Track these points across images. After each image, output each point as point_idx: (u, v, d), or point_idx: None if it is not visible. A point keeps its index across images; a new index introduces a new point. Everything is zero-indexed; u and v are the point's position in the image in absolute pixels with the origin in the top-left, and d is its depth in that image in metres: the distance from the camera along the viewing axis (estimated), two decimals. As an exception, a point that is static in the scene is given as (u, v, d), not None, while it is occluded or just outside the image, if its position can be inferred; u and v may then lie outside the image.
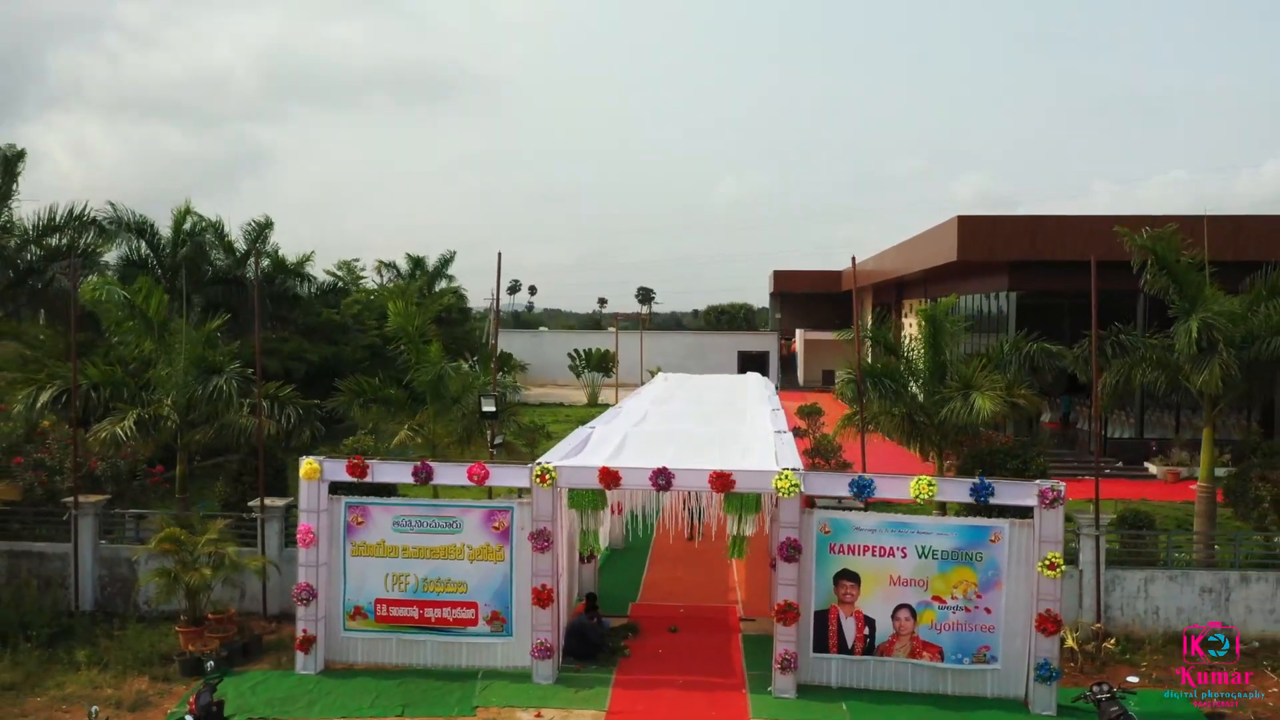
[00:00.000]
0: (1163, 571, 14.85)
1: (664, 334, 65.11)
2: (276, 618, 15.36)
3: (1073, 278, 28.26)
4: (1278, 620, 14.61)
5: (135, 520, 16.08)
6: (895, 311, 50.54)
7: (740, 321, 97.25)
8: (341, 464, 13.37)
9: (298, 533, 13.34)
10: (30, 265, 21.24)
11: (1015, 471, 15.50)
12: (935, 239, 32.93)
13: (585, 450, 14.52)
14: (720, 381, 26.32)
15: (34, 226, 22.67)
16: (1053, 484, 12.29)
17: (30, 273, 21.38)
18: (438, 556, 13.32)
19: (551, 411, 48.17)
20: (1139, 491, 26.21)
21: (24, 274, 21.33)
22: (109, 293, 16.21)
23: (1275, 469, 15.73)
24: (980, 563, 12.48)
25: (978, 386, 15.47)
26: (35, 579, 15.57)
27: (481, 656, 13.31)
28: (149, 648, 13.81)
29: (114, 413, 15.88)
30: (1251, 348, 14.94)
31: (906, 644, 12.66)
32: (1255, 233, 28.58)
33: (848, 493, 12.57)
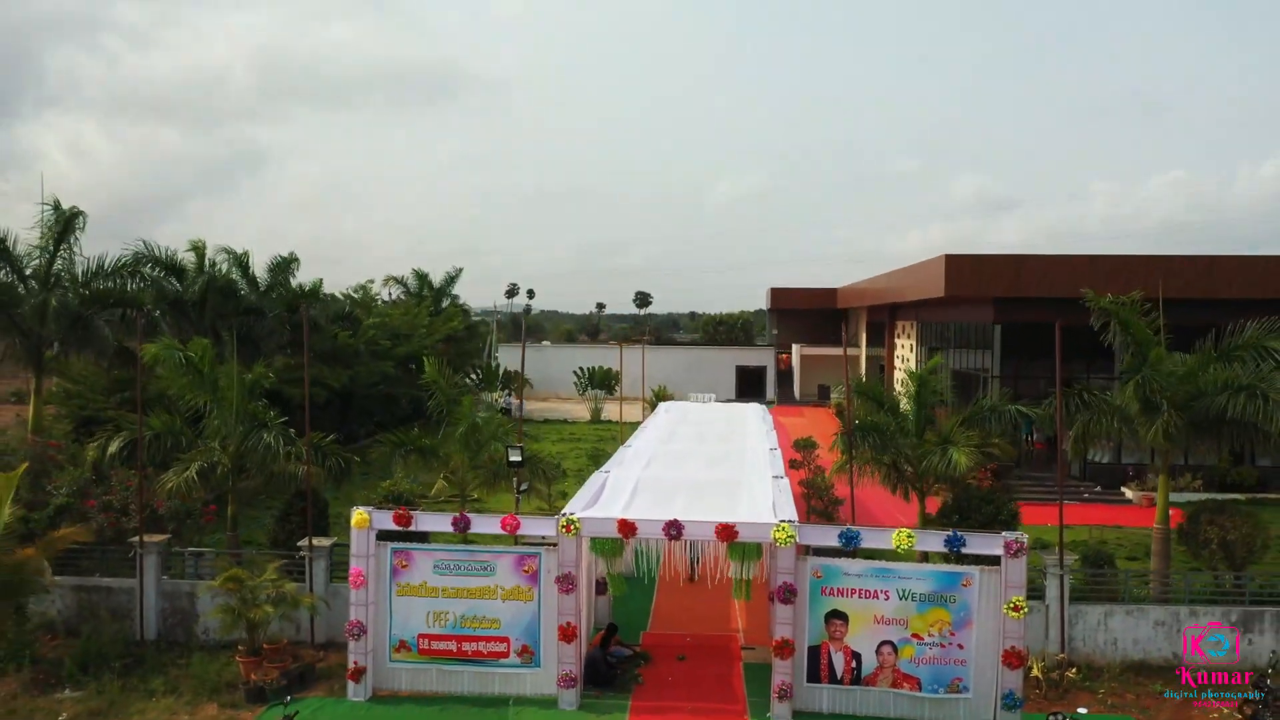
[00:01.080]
0: (1121, 606, 16.56)
1: (664, 349, 66.73)
2: (323, 646, 17.03)
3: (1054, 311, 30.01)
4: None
5: (195, 558, 17.76)
6: (889, 330, 52.24)
7: (738, 332, 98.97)
8: (388, 514, 15.05)
9: (350, 575, 15.02)
10: (81, 312, 22.84)
11: (989, 516, 17.20)
12: (925, 273, 34.67)
13: (602, 498, 16.18)
14: (718, 416, 27.88)
15: (84, 273, 24.33)
16: (1017, 536, 14.00)
17: (80, 319, 22.99)
18: (474, 596, 15.00)
19: (556, 429, 49.81)
20: (1115, 517, 27.98)
21: (75, 319, 22.94)
22: (170, 354, 17.88)
23: (1223, 514, 17.40)
24: (954, 604, 14.18)
25: (955, 442, 17.18)
26: (104, 611, 17.24)
27: (512, 685, 14.99)
28: (215, 676, 15.48)
29: (176, 460, 17.56)
30: (1197, 405, 16.65)
31: (889, 676, 14.36)
32: (1225, 270, 30.37)
33: (837, 543, 14.26)
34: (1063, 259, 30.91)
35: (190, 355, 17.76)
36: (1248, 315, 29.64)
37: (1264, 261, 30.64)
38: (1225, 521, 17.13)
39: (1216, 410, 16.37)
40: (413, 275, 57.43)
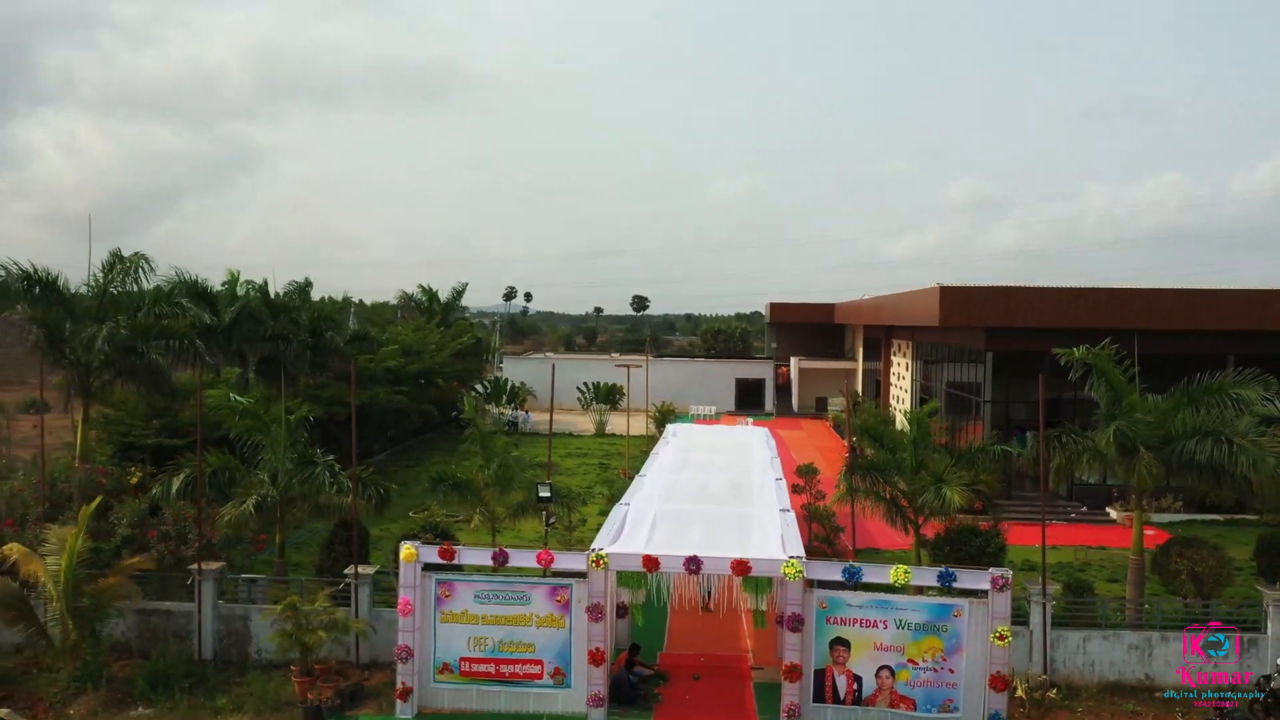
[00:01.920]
0: (1098, 631, 18.14)
1: (666, 362, 68.21)
2: (367, 666, 18.54)
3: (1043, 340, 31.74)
4: (1191, 672, 17.84)
5: (248, 584, 19.27)
6: (885, 347, 53.84)
7: (736, 342, 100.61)
8: (434, 549, 16.58)
9: (399, 604, 16.54)
10: (132, 344, 24.31)
11: (978, 549, 18.77)
12: (920, 301, 36.28)
13: (624, 532, 17.67)
14: (724, 442, 29.33)
15: (127, 307, 25.80)
16: (1002, 572, 15.58)
17: (130, 350, 24.47)
18: (511, 623, 16.54)
19: (563, 443, 51.22)
20: (1099, 537, 29.55)
21: (127, 351, 24.42)
22: (232, 399, 19.44)
23: (1192, 547, 18.99)
24: (946, 633, 15.75)
25: (948, 481, 18.77)
26: (165, 633, 18.74)
27: (545, 704, 16.53)
28: (273, 694, 16.99)
29: (232, 493, 19.11)
30: (1169, 448, 18.23)
31: (887, 697, 15.92)
32: (1201, 303, 32.04)
33: (841, 578, 15.82)
34: (1050, 291, 32.54)
35: (247, 402, 19.29)
36: (1224, 345, 31.42)
37: (1237, 295, 32.35)
38: (1194, 554, 18.71)
39: (1188, 454, 17.95)
40: (420, 291, 59.15)
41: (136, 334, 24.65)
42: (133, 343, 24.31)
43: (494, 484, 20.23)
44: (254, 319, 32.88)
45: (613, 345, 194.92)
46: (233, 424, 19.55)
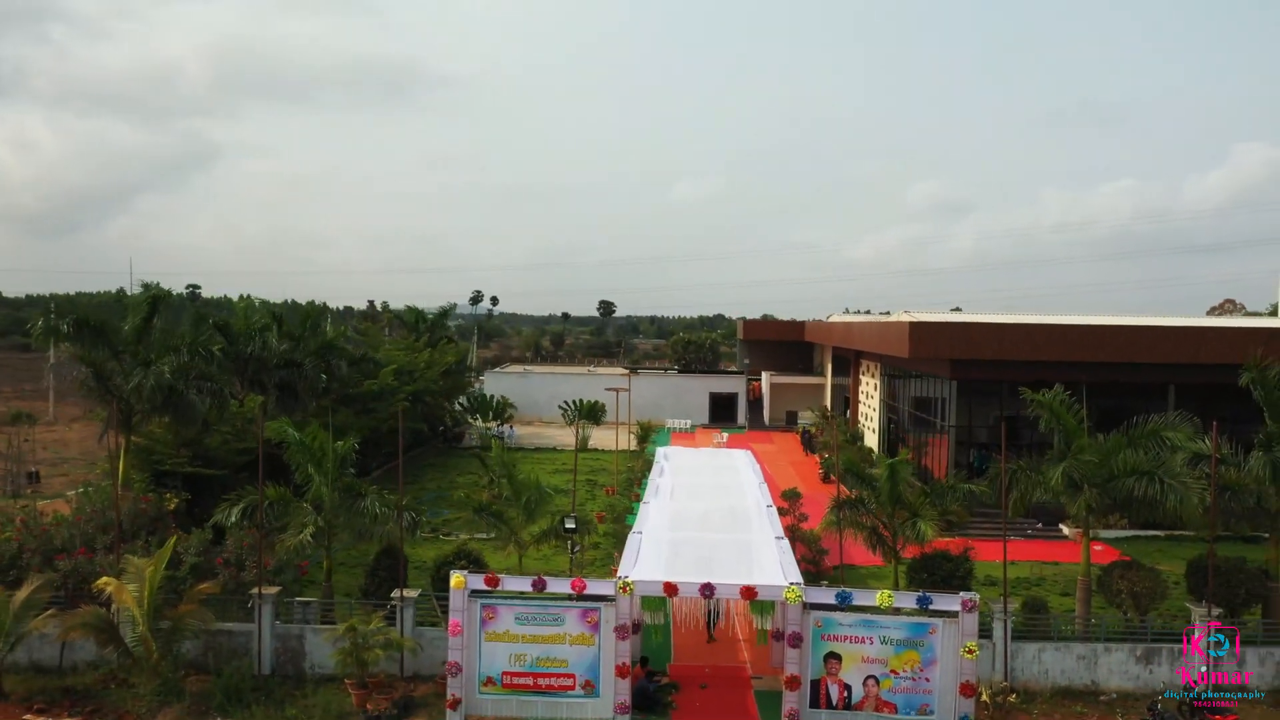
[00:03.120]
0: (1051, 644, 20.95)
1: (643, 378, 70.63)
2: (410, 679, 20.83)
3: (1001, 370, 34.86)
4: (1130, 679, 20.72)
5: (302, 606, 21.50)
6: (854, 366, 56.79)
7: (706, 353, 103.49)
8: (480, 577, 18.97)
9: (449, 625, 18.87)
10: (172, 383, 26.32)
11: (949, 572, 21.51)
12: (890, 333, 39.18)
13: (640, 560, 20.09)
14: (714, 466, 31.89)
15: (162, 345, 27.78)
16: (971, 596, 18.30)
17: (171, 389, 26.48)
18: (547, 642, 18.96)
19: (550, 458, 53.53)
20: (1053, 553, 32.52)
21: (166, 388, 26.43)
22: (288, 435, 21.65)
23: (1131, 570, 21.87)
24: (923, 647, 18.43)
25: (922, 515, 21.50)
26: (227, 651, 20.92)
27: (577, 712, 18.95)
28: (336, 706, 19.26)
29: (287, 523, 21.36)
30: (1111, 485, 21.09)
31: (873, 702, 18.56)
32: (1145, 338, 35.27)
33: (834, 601, 18.44)
34: (1008, 326, 35.60)
35: (304, 438, 21.52)
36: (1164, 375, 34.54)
37: (1175, 331, 35.67)
38: (1133, 576, 21.59)
39: (1126, 489, 20.82)
40: (407, 310, 61.26)
41: (177, 375, 26.66)
42: (174, 383, 26.33)
43: (521, 514, 22.62)
44: (267, 347, 34.86)
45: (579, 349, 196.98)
46: (291, 456, 21.74)
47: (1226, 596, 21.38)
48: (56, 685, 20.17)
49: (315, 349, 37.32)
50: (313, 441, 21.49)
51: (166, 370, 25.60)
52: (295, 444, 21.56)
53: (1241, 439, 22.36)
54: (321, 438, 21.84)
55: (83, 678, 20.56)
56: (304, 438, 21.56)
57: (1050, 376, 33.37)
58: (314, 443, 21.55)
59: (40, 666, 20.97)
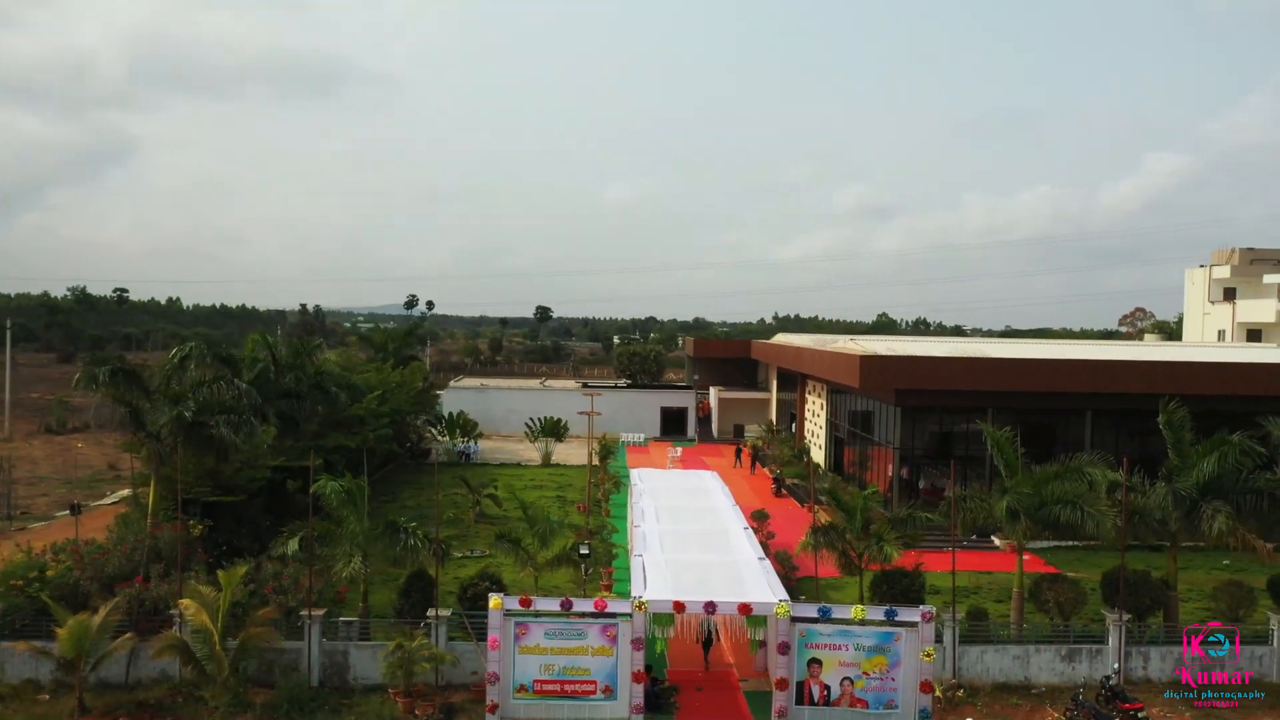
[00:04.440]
0: (991, 646, 24.77)
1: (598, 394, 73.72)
2: (444, 687, 23.72)
3: (943, 398, 38.98)
4: (1056, 675, 24.62)
5: (346, 625, 24.27)
6: (801, 385, 60.76)
7: (651, 364, 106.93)
8: (515, 599, 22.04)
9: (488, 641, 21.88)
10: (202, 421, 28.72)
11: (906, 587, 25.21)
12: (840, 364, 43.10)
13: (647, 581, 23.32)
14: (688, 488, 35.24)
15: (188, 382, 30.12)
16: (929, 608, 21.98)
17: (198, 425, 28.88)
18: (572, 653, 22.11)
19: (517, 474, 56.20)
20: (986, 563, 36.46)
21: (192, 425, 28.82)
22: (331, 486, 24.42)
23: (1056, 583, 25.88)
24: (889, 653, 22.03)
25: (887, 539, 25.20)
26: (278, 666, 23.58)
27: (598, 713, 22.11)
28: (387, 713, 22.10)
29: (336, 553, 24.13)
30: (1042, 512, 25.01)
31: (848, 699, 22.09)
32: (1070, 370, 39.71)
33: (816, 615, 21.94)
34: (947, 360, 39.77)
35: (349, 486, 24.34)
36: (1084, 402, 38.97)
37: (1092, 364, 40.24)
38: (1058, 588, 25.57)
39: (1054, 516, 24.76)
40: (376, 330, 63.47)
41: (203, 411, 29.06)
42: (202, 419, 28.75)
43: (535, 540, 25.71)
44: (267, 377, 37.20)
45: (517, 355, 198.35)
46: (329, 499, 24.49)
47: (1134, 604, 25.45)
48: (128, 699, 22.64)
49: (311, 379, 39.73)
50: (357, 490, 24.28)
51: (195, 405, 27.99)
52: (335, 490, 24.30)
53: (1145, 453, 26.54)
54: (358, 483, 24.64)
55: (150, 692, 23.05)
56: (343, 483, 24.32)
57: (986, 403, 37.88)
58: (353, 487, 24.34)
59: (106, 683, 23.35)
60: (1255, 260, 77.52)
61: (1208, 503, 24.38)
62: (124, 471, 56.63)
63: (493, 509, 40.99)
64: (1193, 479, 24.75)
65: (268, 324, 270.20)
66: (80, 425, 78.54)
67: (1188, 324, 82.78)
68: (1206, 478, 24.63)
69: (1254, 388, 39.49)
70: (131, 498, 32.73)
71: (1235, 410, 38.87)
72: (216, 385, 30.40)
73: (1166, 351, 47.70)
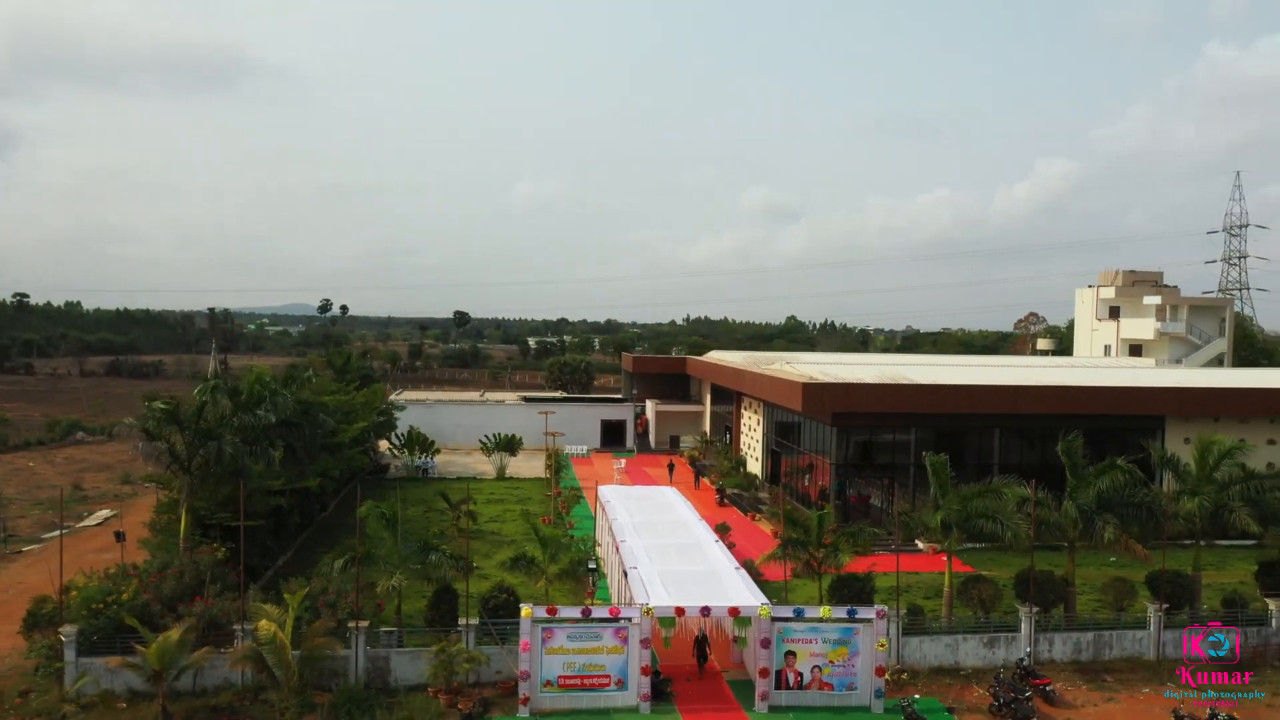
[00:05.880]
0: (927, 636, 29.90)
1: (541, 405, 77.67)
2: (474, 685, 27.68)
3: (875, 420, 44.35)
4: (980, 659, 29.85)
5: (388, 635, 28.02)
6: (737, 403, 65.81)
7: (581, 374, 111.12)
8: (544, 608, 26.20)
9: (520, 645, 25.97)
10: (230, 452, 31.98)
11: (858, 590, 30.17)
12: (782, 388, 48.24)
13: (649, 589, 27.69)
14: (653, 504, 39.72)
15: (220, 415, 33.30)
16: (883, 607, 26.94)
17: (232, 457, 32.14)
18: (590, 653, 26.35)
19: (476, 488, 59.63)
20: (914, 564, 41.75)
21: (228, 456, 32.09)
22: (374, 510, 28.11)
23: (979, 583, 31.20)
24: (851, 645, 26.90)
25: (843, 550, 30.13)
26: (326, 672, 27.18)
27: (611, 701, 26.39)
28: (433, 709, 25.93)
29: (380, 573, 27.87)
30: (968, 524, 30.26)
31: (817, 684, 26.89)
32: (983, 395, 45.55)
33: (792, 615, 26.68)
34: (880, 386, 45.26)
35: (386, 511, 28.08)
36: (994, 421, 44.79)
37: (1000, 389, 46.22)
38: (980, 587, 30.90)
39: (978, 528, 30.06)
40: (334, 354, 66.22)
41: (235, 445, 32.34)
42: (235, 453, 32.05)
43: (546, 558, 29.88)
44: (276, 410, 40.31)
45: (435, 360, 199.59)
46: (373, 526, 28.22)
47: (1041, 599, 30.87)
48: (201, 705, 26.01)
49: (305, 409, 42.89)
50: (390, 512, 28.07)
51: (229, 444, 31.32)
52: (376, 515, 28.05)
53: (1044, 460, 31.88)
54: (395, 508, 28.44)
55: (218, 698, 26.45)
56: (382, 508, 28.08)
57: (911, 423, 43.43)
58: (391, 513, 28.14)
59: (177, 691, 26.54)
60: (1136, 282, 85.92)
61: (1101, 516, 30.01)
62: (89, 491, 58.59)
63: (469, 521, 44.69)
64: (1089, 496, 30.35)
65: (174, 328, 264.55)
66: (19, 443, 78.87)
67: (1078, 339, 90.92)
68: (1098, 495, 30.27)
69: (1131, 408, 46.11)
70: (159, 522, 35.60)
71: (1116, 426, 45.50)
72: (239, 418, 33.71)
73: (1062, 375, 54.17)
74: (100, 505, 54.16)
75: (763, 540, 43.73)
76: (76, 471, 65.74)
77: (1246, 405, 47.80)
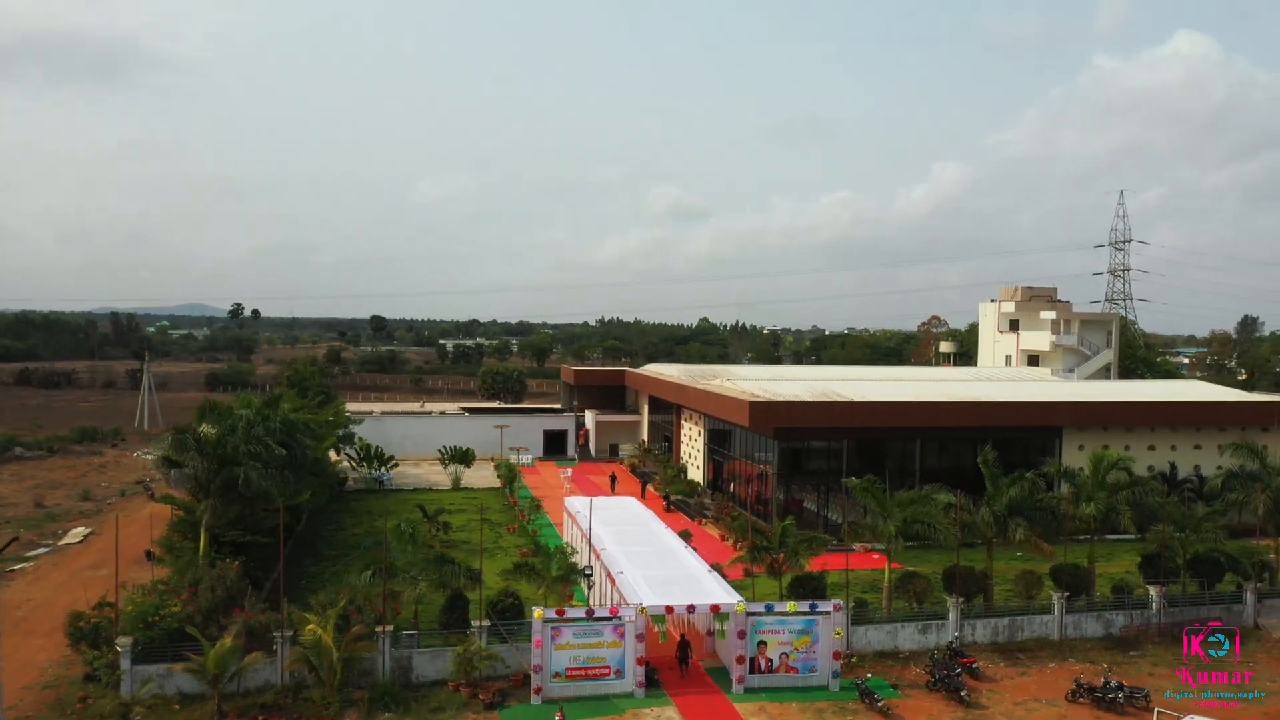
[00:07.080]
0: (872, 625, 34.95)
1: (484, 417, 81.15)
2: (488, 677, 31.57)
3: (813, 434, 49.54)
4: (915, 644, 35.01)
5: (409, 636, 31.71)
6: (677, 414, 70.52)
7: (515, 384, 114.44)
8: (553, 610, 30.32)
9: (533, 642, 30.02)
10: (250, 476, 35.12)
11: (813, 587, 35.02)
12: (729, 405, 53.12)
13: (639, 591, 32.05)
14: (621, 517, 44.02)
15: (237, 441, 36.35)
16: (838, 601, 31.86)
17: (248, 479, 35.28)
18: (592, 647, 30.56)
19: (434, 499, 62.81)
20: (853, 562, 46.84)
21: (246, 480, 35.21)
22: (398, 528, 31.71)
23: (915, 579, 36.41)
24: (813, 634, 31.72)
25: (802, 554, 34.98)
26: (357, 672, 30.75)
27: (610, 689, 30.62)
28: (456, 701, 29.81)
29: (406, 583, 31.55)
30: (906, 527, 35.44)
31: (784, 667, 31.62)
32: (910, 410, 51.18)
33: (764, 610, 31.37)
34: (818, 404, 50.49)
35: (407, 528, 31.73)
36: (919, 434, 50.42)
37: (925, 405, 51.89)
38: (916, 583, 36.13)
39: (914, 531, 35.26)
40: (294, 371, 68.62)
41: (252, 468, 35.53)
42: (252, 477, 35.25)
43: (543, 564, 33.96)
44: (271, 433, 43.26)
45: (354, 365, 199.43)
46: (396, 543, 31.86)
47: (965, 590, 36.24)
48: (249, 703, 29.30)
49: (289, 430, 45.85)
50: (409, 530, 31.79)
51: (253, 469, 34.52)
52: (399, 532, 31.72)
53: (959, 465, 37.27)
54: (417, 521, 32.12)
55: (261, 697, 29.77)
56: (402, 524, 31.77)
57: (844, 435, 48.79)
58: (412, 531, 31.86)
59: (226, 693, 29.80)
60: (1033, 297, 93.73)
61: (1013, 519, 35.56)
62: (53, 509, 59.91)
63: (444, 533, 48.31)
64: (1003, 503, 35.90)
65: (75, 332, 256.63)
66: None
67: (982, 350, 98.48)
68: (1009, 502, 35.84)
69: (1035, 420, 52.43)
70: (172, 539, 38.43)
71: (1021, 436, 51.68)
72: (251, 444, 36.86)
73: (972, 389, 60.42)
74: (72, 523, 55.76)
75: (712, 543, 48.50)
76: (31, 489, 66.61)
77: (1131, 416, 54.80)
